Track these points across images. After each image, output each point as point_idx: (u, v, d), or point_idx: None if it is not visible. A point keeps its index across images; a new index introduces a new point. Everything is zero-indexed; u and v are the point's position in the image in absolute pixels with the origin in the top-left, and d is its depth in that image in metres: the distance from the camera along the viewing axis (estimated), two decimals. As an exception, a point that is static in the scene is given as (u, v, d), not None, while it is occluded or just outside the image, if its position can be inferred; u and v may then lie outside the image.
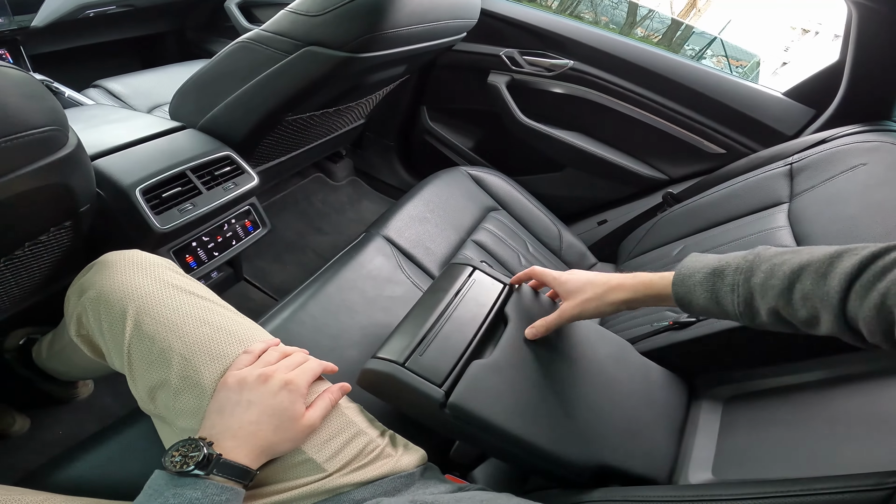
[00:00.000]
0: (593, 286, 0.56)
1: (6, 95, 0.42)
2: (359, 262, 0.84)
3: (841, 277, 0.39)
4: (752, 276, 0.45)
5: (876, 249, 0.39)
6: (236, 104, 0.90)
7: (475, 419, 0.53)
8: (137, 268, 0.54)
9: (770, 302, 0.43)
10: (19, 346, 0.83)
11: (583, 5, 7.42)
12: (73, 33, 1.39)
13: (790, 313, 0.42)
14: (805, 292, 0.41)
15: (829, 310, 0.39)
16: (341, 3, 0.78)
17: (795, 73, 6.00)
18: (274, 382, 0.46)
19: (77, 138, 0.54)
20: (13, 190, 0.48)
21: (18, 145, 0.44)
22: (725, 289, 0.46)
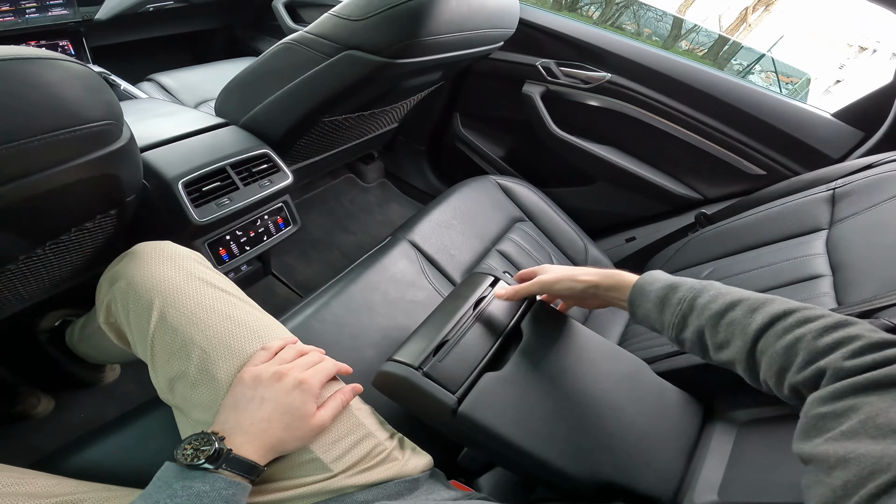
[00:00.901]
0: (569, 269, 0.64)
1: (66, 88, 0.44)
2: (383, 265, 0.86)
3: (767, 314, 0.42)
4: (699, 296, 0.49)
5: (811, 310, 0.41)
6: (276, 104, 0.93)
7: (484, 429, 0.54)
8: (167, 260, 0.56)
9: (702, 322, 0.47)
10: (54, 327, 0.86)
11: (625, 17, 7.29)
12: (132, 27, 1.46)
13: (711, 335, 0.46)
14: (732, 319, 0.45)
15: (743, 338, 0.43)
16: (383, 9, 0.79)
17: (849, 91, 5.73)
18: (288, 381, 0.47)
19: (130, 132, 0.56)
20: (66, 179, 0.50)
21: (75, 138, 0.46)
22: (674, 300, 0.51)
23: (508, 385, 0.59)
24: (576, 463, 0.55)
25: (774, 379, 0.40)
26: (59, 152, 0.46)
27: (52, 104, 0.43)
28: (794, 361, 0.38)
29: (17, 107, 0.40)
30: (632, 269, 1.18)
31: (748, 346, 0.42)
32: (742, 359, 0.43)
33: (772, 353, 0.40)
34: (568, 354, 0.65)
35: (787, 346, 0.39)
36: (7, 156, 0.41)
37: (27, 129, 0.41)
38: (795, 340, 0.39)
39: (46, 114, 0.43)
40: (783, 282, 0.80)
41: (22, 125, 0.41)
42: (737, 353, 0.43)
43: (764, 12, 8.40)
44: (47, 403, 0.89)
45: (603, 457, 0.57)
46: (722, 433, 0.64)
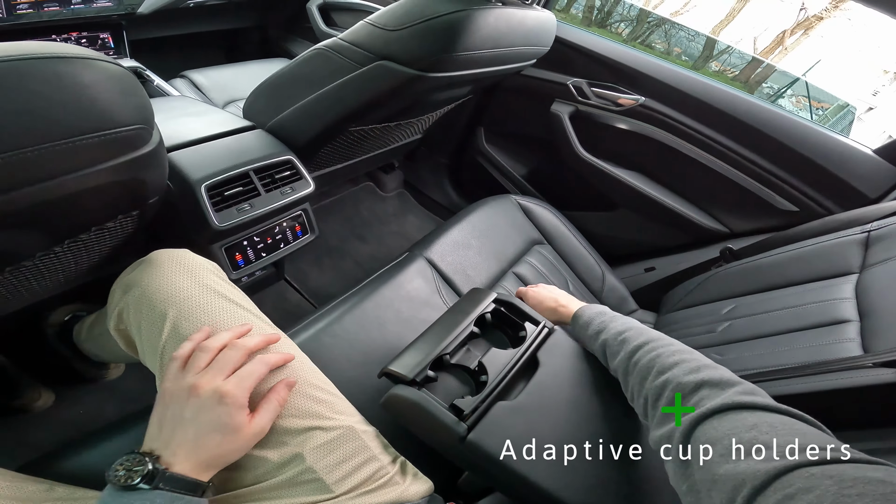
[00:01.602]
0: (542, 307, 0.77)
1: (100, 91, 0.43)
2: (398, 282, 0.85)
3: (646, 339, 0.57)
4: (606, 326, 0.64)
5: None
6: (304, 110, 0.93)
7: (491, 458, 0.54)
8: (184, 270, 0.55)
9: (607, 336, 0.62)
10: (63, 322, 0.86)
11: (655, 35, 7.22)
12: (169, 23, 1.48)
13: (611, 345, 0.61)
14: (626, 338, 0.59)
15: (626, 348, 0.58)
16: (419, 21, 0.79)
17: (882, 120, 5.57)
18: (205, 396, 0.43)
19: (159, 136, 0.55)
20: (91, 183, 0.49)
21: (104, 142, 0.45)
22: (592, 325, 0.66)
23: (520, 416, 0.58)
24: (579, 496, 0.54)
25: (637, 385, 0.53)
26: (85, 156, 0.46)
27: (83, 106, 0.42)
28: (651, 371, 0.50)
29: (45, 108, 0.39)
30: (650, 299, 1.17)
31: (627, 356, 0.56)
32: (623, 367, 0.56)
33: (641, 365, 0.52)
34: (583, 385, 0.64)
35: (650, 359, 0.52)
36: (31, 159, 0.40)
37: (54, 132, 0.40)
38: (656, 356, 0.51)
39: (76, 116, 0.42)
40: (807, 324, 0.77)
41: (49, 128, 0.40)
42: (620, 361, 0.57)
43: (802, 36, 8.26)
44: (48, 397, 0.88)
45: (610, 492, 0.56)
46: None
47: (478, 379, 0.63)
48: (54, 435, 0.85)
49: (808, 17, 8.10)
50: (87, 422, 0.89)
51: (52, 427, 0.86)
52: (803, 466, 0.31)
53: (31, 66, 0.37)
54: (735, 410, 0.39)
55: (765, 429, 0.36)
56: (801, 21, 8.24)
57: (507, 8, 0.88)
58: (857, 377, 0.59)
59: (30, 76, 0.37)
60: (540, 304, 0.77)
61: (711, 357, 0.81)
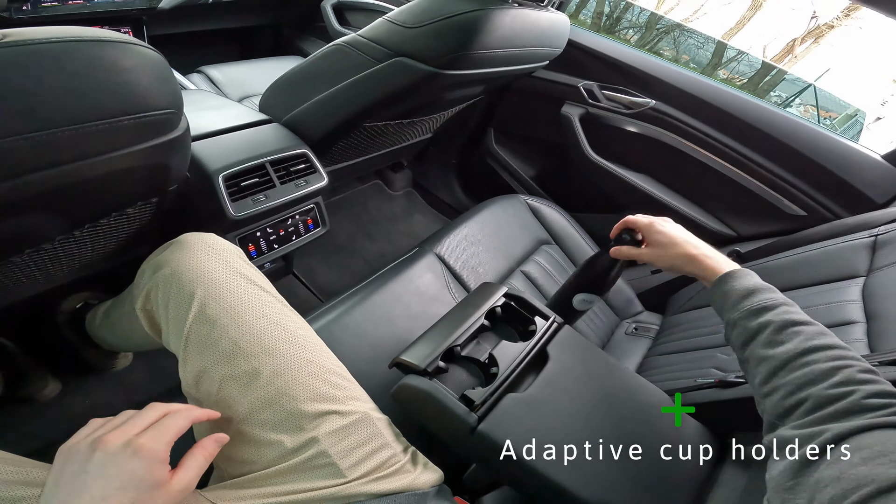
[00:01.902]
0: (674, 249, 0.62)
1: (139, 75, 0.44)
2: (408, 276, 0.86)
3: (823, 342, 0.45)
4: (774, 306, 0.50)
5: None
6: (321, 104, 0.95)
7: (499, 450, 0.54)
8: (212, 252, 0.56)
9: (756, 338, 0.49)
10: (75, 309, 0.87)
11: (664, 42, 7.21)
12: (188, 19, 1.50)
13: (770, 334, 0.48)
14: (796, 331, 0.47)
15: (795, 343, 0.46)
16: (438, 19, 0.80)
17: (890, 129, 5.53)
18: (114, 449, 0.38)
19: (187, 122, 0.56)
20: (121, 165, 0.50)
21: (138, 124, 0.46)
22: (754, 300, 0.52)
23: (530, 407, 0.59)
24: (587, 487, 0.55)
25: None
26: (120, 137, 0.47)
27: (121, 90, 0.43)
28: (830, 378, 0.42)
29: (85, 89, 0.41)
30: (655, 301, 1.17)
31: (800, 352, 0.45)
32: (783, 359, 0.46)
33: (817, 368, 0.43)
34: (590, 381, 0.65)
35: (834, 367, 0.42)
36: (68, 137, 0.41)
37: (92, 112, 0.42)
38: (844, 366, 0.42)
39: (114, 98, 0.43)
40: (814, 324, 0.78)
41: (88, 108, 0.41)
42: (783, 353, 0.46)
43: (812, 44, 8.23)
44: (54, 387, 0.88)
45: (615, 484, 0.56)
46: (736, 470, 0.63)
47: (488, 371, 0.64)
48: (59, 425, 0.85)
49: (819, 26, 8.07)
50: (93, 413, 0.88)
51: (58, 417, 0.86)
52: None
53: (75, 48, 0.39)
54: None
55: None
56: (811, 29, 8.21)
57: (522, 9, 0.89)
58: None
59: (72, 57, 0.39)
60: (668, 242, 0.62)
61: (717, 357, 0.82)
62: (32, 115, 0.38)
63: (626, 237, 0.68)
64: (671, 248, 0.61)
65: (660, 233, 0.63)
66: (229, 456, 0.50)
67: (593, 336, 1.04)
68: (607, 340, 1.07)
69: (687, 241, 0.62)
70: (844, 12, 6.85)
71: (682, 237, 0.62)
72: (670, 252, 0.61)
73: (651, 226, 0.65)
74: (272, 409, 0.49)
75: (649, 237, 0.65)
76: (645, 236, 0.66)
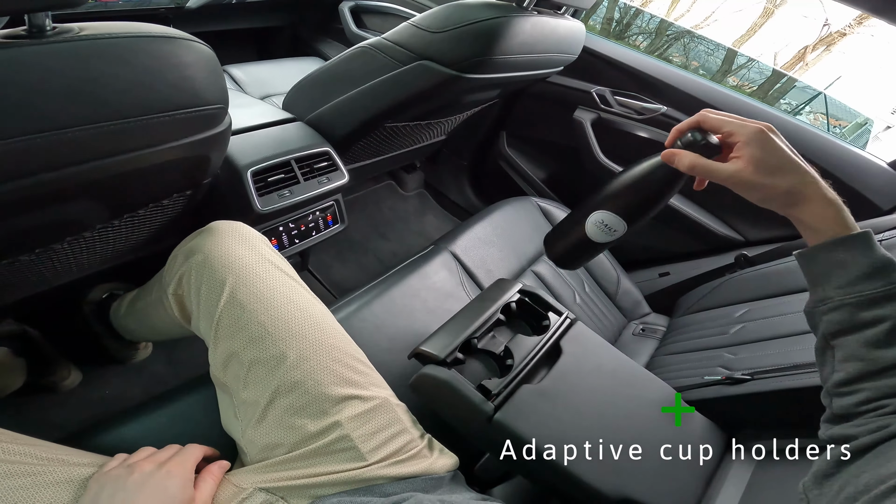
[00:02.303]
0: (787, 178, 0.42)
1: (197, 71, 0.47)
2: (424, 272, 0.89)
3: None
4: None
5: None
6: (345, 104, 0.98)
7: (517, 438, 0.57)
8: (243, 240, 0.59)
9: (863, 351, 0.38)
10: (101, 299, 0.89)
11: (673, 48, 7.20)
12: (211, 18, 1.53)
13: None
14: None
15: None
16: (461, 24, 0.84)
17: (897, 139, 5.51)
18: (150, 470, 0.45)
19: (230, 118, 0.59)
20: (169, 156, 0.53)
21: (193, 117, 0.49)
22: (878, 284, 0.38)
23: (544, 399, 0.61)
24: (599, 476, 0.57)
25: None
26: (178, 129, 0.50)
27: (183, 84, 0.46)
28: None
29: (154, 83, 0.44)
30: (663, 303, 1.19)
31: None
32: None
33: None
34: (603, 375, 0.68)
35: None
36: (138, 126, 0.44)
37: (157, 105, 0.45)
38: None
39: (178, 93, 0.46)
40: (818, 328, 0.80)
41: (155, 101, 0.44)
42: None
43: (824, 52, 8.19)
44: (76, 376, 0.90)
45: (626, 473, 0.58)
46: (740, 464, 0.66)
47: (503, 363, 0.67)
48: (80, 414, 0.87)
49: (831, 33, 8.04)
50: (112, 403, 0.91)
51: (77, 407, 0.88)
52: None
53: (146, 44, 0.42)
54: None
55: None
56: (823, 37, 8.18)
57: (541, 17, 0.92)
58: None
59: (144, 52, 0.42)
60: (777, 164, 0.42)
61: (724, 357, 0.84)
62: (105, 106, 0.41)
63: (696, 137, 0.44)
64: (780, 176, 0.41)
65: (768, 144, 0.42)
66: (252, 440, 0.52)
67: (601, 336, 1.07)
68: (614, 341, 1.09)
69: (809, 170, 0.42)
70: (857, 20, 6.81)
71: (800, 161, 0.42)
72: (777, 181, 0.41)
73: (758, 133, 0.42)
74: (297, 392, 0.51)
75: (749, 149, 0.42)
76: (735, 143, 0.43)
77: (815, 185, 0.42)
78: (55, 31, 0.39)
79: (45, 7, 0.37)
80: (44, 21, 0.39)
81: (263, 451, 0.52)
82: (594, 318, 1.07)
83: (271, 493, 0.48)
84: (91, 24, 0.41)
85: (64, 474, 0.44)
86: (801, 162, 0.42)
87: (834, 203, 0.41)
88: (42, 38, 0.38)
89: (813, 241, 0.42)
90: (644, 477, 0.59)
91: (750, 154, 0.42)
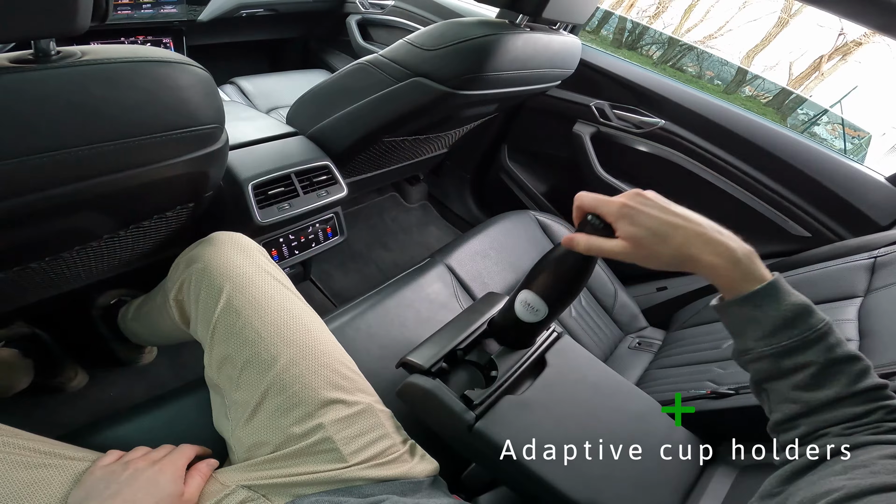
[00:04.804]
0: (665, 246, 0.42)
1: (192, 93, 0.49)
2: (419, 284, 0.91)
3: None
4: (829, 333, 0.39)
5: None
6: (344, 119, 1.01)
7: (497, 448, 0.58)
8: (241, 250, 0.63)
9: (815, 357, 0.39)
10: (109, 305, 0.93)
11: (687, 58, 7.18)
12: (223, 31, 1.59)
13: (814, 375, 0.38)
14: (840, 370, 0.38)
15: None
16: (454, 42, 0.86)
17: (909, 148, 5.40)
18: (143, 466, 0.49)
19: (227, 135, 0.62)
20: (170, 172, 0.56)
21: (188, 137, 0.52)
22: (808, 323, 0.39)
23: (525, 409, 0.62)
24: (578, 487, 0.58)
25: None
26: (173, 148, 0.53)
27: (178, 106, 0.49)
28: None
29: (151, 105, 0.47)
30: (659, 318, 1.19)
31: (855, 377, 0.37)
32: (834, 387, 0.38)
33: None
34: (585, 388, 0.68)
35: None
36: (135, 146, 0.47)
37: (156, 126, 0.48)
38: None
39: (174, 114, 0.49)
40: (808, 342, 0.80)
41: (152, 122, 0.47)
42: (833, 382, 0.38)
43: (840, 61, 8.10)
44: (82, 378, 0.94)
45: (605, 485, 0.59)
46: (721, 476, 0.66)
47: (488, 374, 0.68)
48: (85, 414, 0.91)
49: (847, 43, 7.95)
50: (119, 404, 0.94)
51: (84, 407, 0.92)
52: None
53: (144, 68, 0.45)
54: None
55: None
56: (839, 46, 8.09)
57: (534, 33, 0.94)
58: None
59: (141, 75, 0.45)
60: (651, 234, 0.43)
61: (713, 371, 0.85)
62: (108, 126, 0.44)
63: (594, 222, 0.47)
64: (659, 245, 0.42)
65: (636, 217, 0.43)
66: (240, 439, 0.55)
67: (596, 349, 1.07)
68: (610, 354, 1.10)
69: (688, 227, 0.42)
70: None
71: (675, 222, 0.42)
72: (659, 249, 0.42)
73: (622, 208, 0.44)
74: (285, 393, 0.54)
75: (621, 226, 0.44)
76: (614, 223, 0.45)
77: (699, 242, 0.41)
78: (59, 55, 0.42)
79: (49, 34, 0.40)
80: (48, 46, 0.42)
81: (250, 449, 0.54)
82: (590, 332, 1.08)
83: (253, 491, 0.50)
84: (94, 47, 0.44)
85: (60, 468, 0.47)
86: (678, 220, 0.42)
87: (727, 255, 0.41)
88: (47, 63, 0.41)
89: (724, 295, 0.43)
90: (620, 487, 0.60)
91: (624, 231, 0.44)
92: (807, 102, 7.71)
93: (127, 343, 0.94)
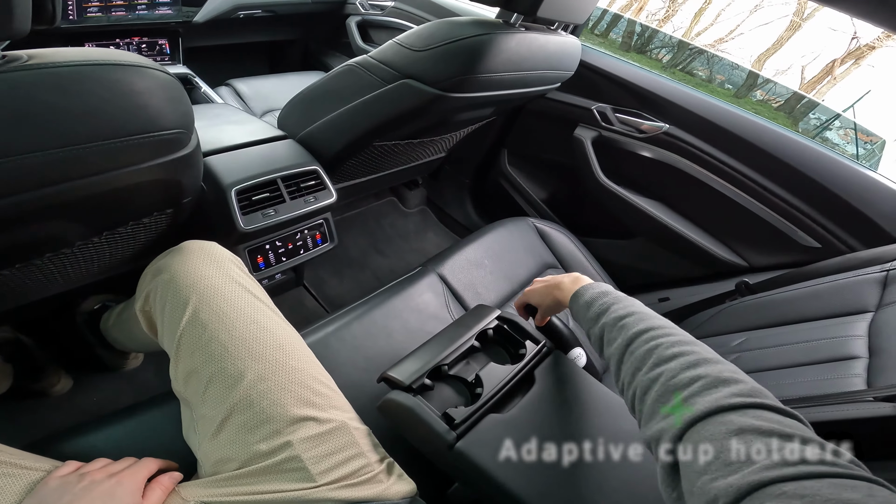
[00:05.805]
0: (545, 301, 0.69)
1: (151, 97, 0.47)
2: (409, 294, 0.88)
3: (647, 325, 0.49)
4: (615, 303, 0.55)
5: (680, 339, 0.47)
6: (333, 122, 0.99)
7: (477, 468, 0.55)
8: (211, 260, 0.60)
9: (607, 320, 0.53)
10: (93, 310, 0.91)
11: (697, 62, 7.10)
12: (221, 32, 1.57)
13: (608, 332, 0.52)
14: (624, 324, 0.51)
15: (624, 335, 0.50)
16: (443, 43, 0.83)
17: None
18: (100, 478, 0.46)
19: (197, 140, 0.60)
20: (134, 179, 0.54)
21: (150, 142, 0.50)
22: (597, 303, 0.56)
23: (509, 428, 0.59)
24: None
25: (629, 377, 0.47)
26: (133, 154, 0.51)
27: (135, 111, 0.47)
28: (646, 363, 0.45)
29: (105, 110, 0.44)
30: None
31: (624, 343, 0.49)
32: (617, 355, 0.49)
33: (637, 354, 0.46)
34: (574, 407, 0.65)
35: (647, 350, 0.46)
36: (89, 153, 0.45)
37: (109, 131, 0.45)
38: (654, 346, 0.45)
39: (129, 119, 0.47)
40: (815, 359, 0.77)
41: (104, 127, 0.45)
42: (616, 349, 0.50)
43: (853, 65, 8.00)
44: (66, 383, 0.92)
45: None
46: None
47: (473, 391, 0.65)
48: (68, 419, 0.87)
49: (860, 46, 7.84)
50: (101, 408, 0.93)
51: (68, 412, 0.90)
52: (777, 482, 0.29)
53: (92, 71, 0.43)
54: (723, 413, 0.36)
55: (749, 436, 0.33)
56: (852, 50, 7.98)
57: (529, 33, 0.91)
58: (856, 410, 0.59)
59: (90, 80, 0.43)
60: (539, 299, 0.70)
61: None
62: (54, 133, 0.42)
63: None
64: (544, 303, 0.68)
65: (531, 295, 0.72)
66: (207, 454, 0.53)
67: (597, 362, 1.04)
68: (606, 369, 1.06)
69: (543, 285, 0.69)
70: (885, 33, 6.64)
71: (539, 286, 0.70)
72: (546, 304, 0.68)
73: (526, 297, 0.73)
74: (252, 410, 0.51)
75: (534, 302, 0.71)
76: (530, 302, 0.73)
77: (542, 293, 0.69)
78: (4, 59, 0.40)
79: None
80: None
81: (216, 465, 0.52)
82: (587, 345, 1.04)
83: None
84: (41, 51, 0.42)
85: (15, 476, 0.45)
86: (538, 290, 0.70)
87: (559, 287, 0.66)
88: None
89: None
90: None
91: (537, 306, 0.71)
92: (819, 107, 7.61)
93: (111, 349, 0.92)
